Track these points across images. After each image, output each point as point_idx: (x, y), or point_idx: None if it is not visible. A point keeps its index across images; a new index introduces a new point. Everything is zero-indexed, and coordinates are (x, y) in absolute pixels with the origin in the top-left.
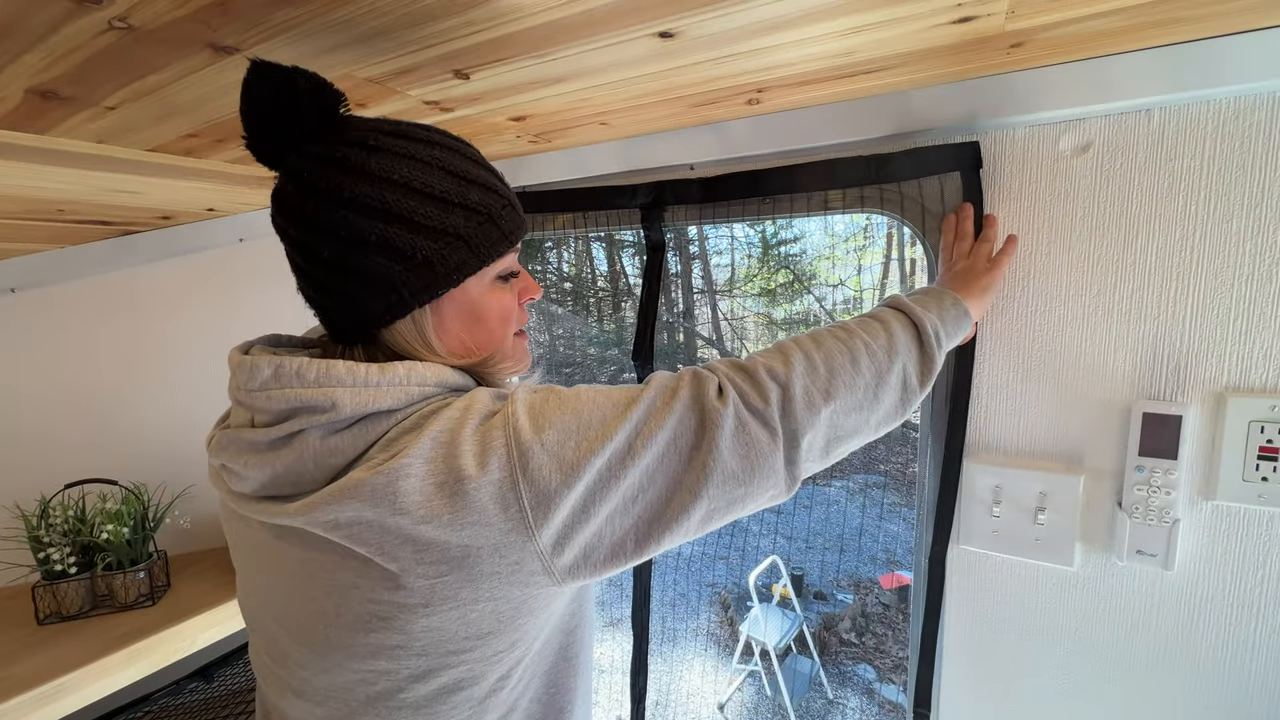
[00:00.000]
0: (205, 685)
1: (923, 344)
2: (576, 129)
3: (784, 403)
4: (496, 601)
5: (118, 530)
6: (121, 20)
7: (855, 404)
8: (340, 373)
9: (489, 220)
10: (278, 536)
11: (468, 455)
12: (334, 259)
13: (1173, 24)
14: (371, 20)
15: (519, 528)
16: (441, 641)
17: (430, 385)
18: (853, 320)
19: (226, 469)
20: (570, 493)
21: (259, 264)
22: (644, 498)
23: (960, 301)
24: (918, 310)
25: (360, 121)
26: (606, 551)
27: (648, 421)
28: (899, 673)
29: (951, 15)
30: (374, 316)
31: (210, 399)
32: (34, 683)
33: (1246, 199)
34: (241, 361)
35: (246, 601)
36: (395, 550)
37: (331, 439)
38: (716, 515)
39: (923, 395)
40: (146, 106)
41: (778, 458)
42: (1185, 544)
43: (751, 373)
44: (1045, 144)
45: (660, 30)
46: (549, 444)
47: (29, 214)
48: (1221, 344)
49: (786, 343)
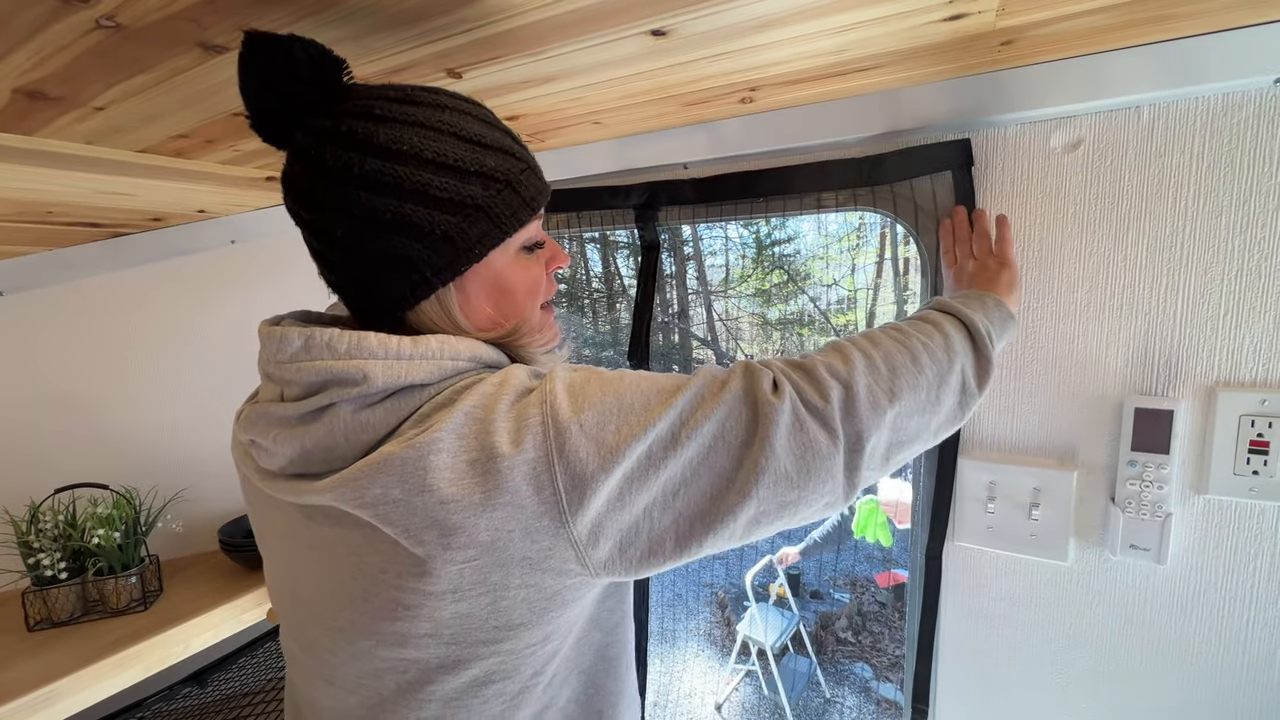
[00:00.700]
0: (199, 690)
1: (977, 345)
2: (569, 128)
3: (846, 402)
4: (528, 590)
5: (109, 535)
6: (109, 19)
7: (919, 405)
8: (372, 344)
9: (508, 187)
10: (308, 517)
11: (502, 432)
12: (349, 241)
13: (1161, 21)
14: (362, 18)
15: (552, 511)
16: (471, 630)
17: (464, 360)
18: (902, 322)
19: (255, 445)
20: (608, 478)
21: (251, 266)
22: (686, 493)
23: (1002, 303)
24: (968, 311)
25: (364, 90)
26: (644, 547)
27: (695, 410)
28: (896, 670)
29: (943, 13)
30: (397, 299)
31: (203, 402)
32: (25, 689)
33: (1235, 195)
34: (271, 333)
35: (275, 587)
36: (422, 533)
37: (363, 413)
38: (766, 520)
39: (981, 398)
40: (136, 107)
41: (837, 461)
42: (1178, 538)
43: (810, 370)
44: (1036, 141)
45: (652, 28)
46: (587, 425)
47: (17, 216)
48: (1212, 339)
49: (841, 342)
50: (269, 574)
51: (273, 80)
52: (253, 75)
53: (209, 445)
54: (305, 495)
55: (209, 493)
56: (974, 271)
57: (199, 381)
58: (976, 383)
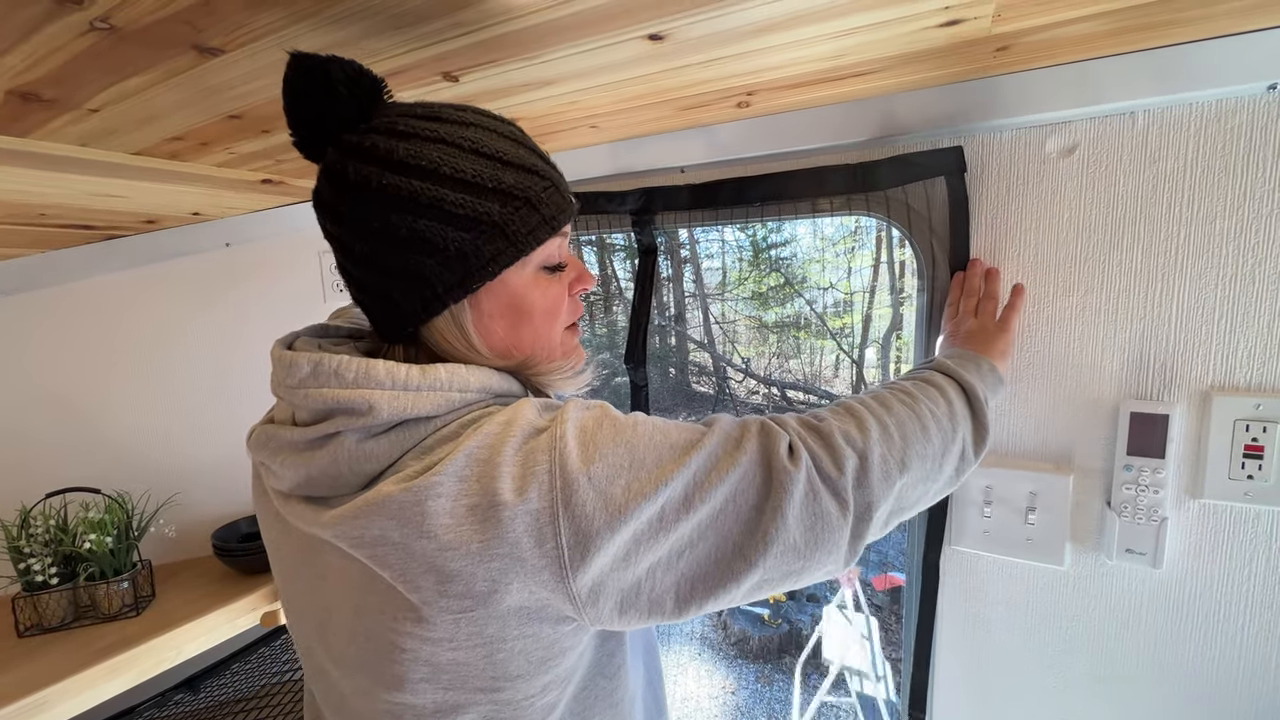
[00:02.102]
0: (191, 696)
1: (975, 412)
2: (566, 132)
3: (860, 474)
4: (526, 640)
5: (100, 540)
6: (103, 20)
7: (924, 474)
8: (379, 374)
9: (527, 205)
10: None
11: (506, 478)
12: (368, 255)
13: (1156, 28)
14: (359, 21)
15: (552, 566)
16: (469, 678)
17: (473, 391)
18: (907, 383)
19: (265, 466)
20: (613, 536)
21: (245, 269)
22: (692, 554)
23: (996, 369)
24: (966, 376)
25: (395, 107)
26: (644, 607)
27: (709, 473)
28: (893, 674)
29: (939, 19)
30: (409, 314)
31: (196, 406)
32: (14, 696)
33: (1229, 200)
34: (281, 357)
35: (288, 609)
36: (418, 579)
37: (367, 444)
38: (767, 586)
39: (975, 466)
40: (130, 109)
41: (844, 532)
42: (1173, 542)
43: (826, 436)
44: (1032, 146)
45: (650, 32)
46: (596, 478)
47: (10, 218)
48: (1206, 343)
49: (854, 405)
50: (282, 595)
51: (310, 98)
52: (293, 94)
53: (202, 449)
54: (312, 526)
55: (202, 497)
56: (972, 330)
57: (192, 385)
58: (974, 450)
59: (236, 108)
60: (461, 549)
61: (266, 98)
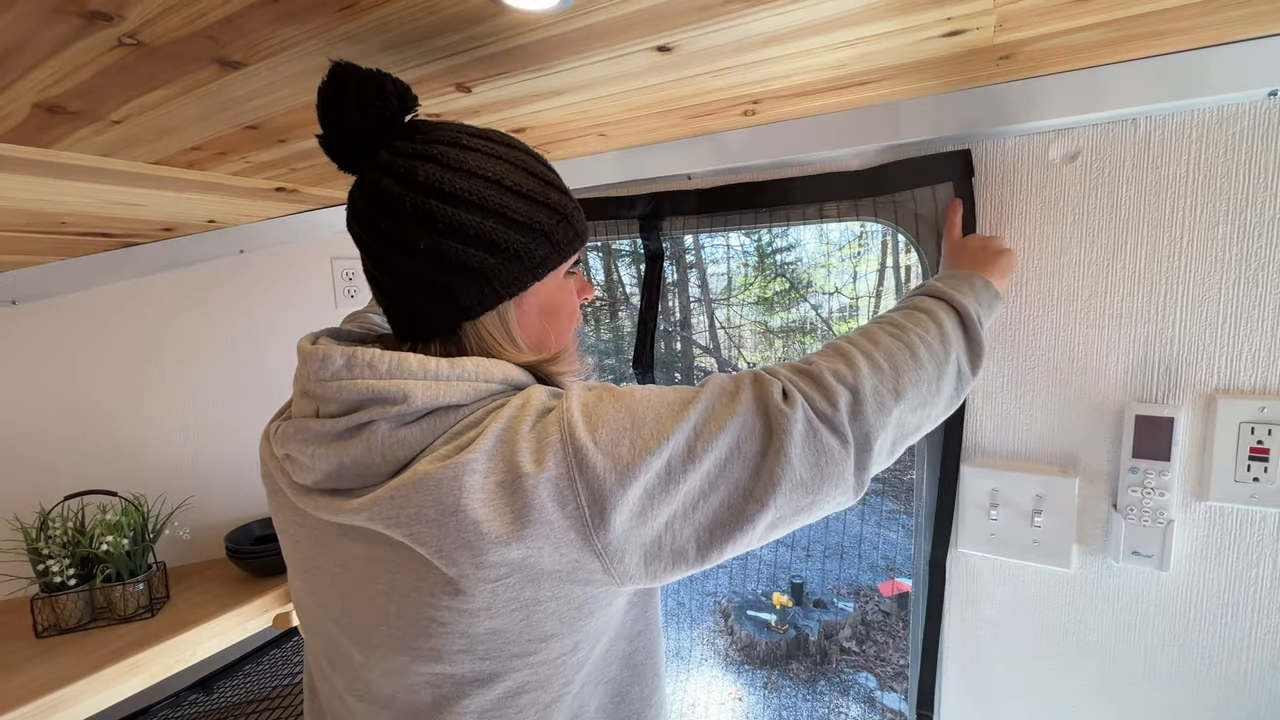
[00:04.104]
0: (205, 697)
1: (968, 330)
2: (575, 140)
3: (854, 406)
4: (559, 601)
5: (117, 542)
6: (131, 37)
7: (921, 399)
8: (412, 365)
9: (564, 219)
10: (340, 535)
11: (525, 452)
12: (431, 250)
13: (1157, 36)
14: (376, 36)
15: (577, 525)
16: (505, 644)
17: (496, 382)
18: (896, 314)
19: (291, 459)
20: (626, 493)
21: (258, 275)
22: (706, 504)
23: (990, 283)
24: (958, 296)
25: (441, 124)
26: (668, 558)
27: (707, 423)
28: (900, 680)
29: (942, 29)
30: (465, 308)
31: (210, 411)
32: (32, 696)
33: (1231, 205)
34: (313, 351)
35: (304, 602)
36: (454, 554)
37: (400, 431)
38: (782, 524)
39: (975, 382)
40: (151, 120)
41: (848, 465)
42: (1180, 545)
43: (816, 377)
44: (1035, 153)
45: (658, 44)
46: (602, 442)
47: (31, 226)
48: (1211, 347)
49: (841, 344)
50: (294, 589)
51: (364, 107)
52: (343, 101)
53: (216, 453)
54: (339, 514)
55: (216, 500)
56: (975, 247)
57: (206, 390)
58: (970, 367)
59: (254, 118)
60: (495, 520)
61: (284, 108)
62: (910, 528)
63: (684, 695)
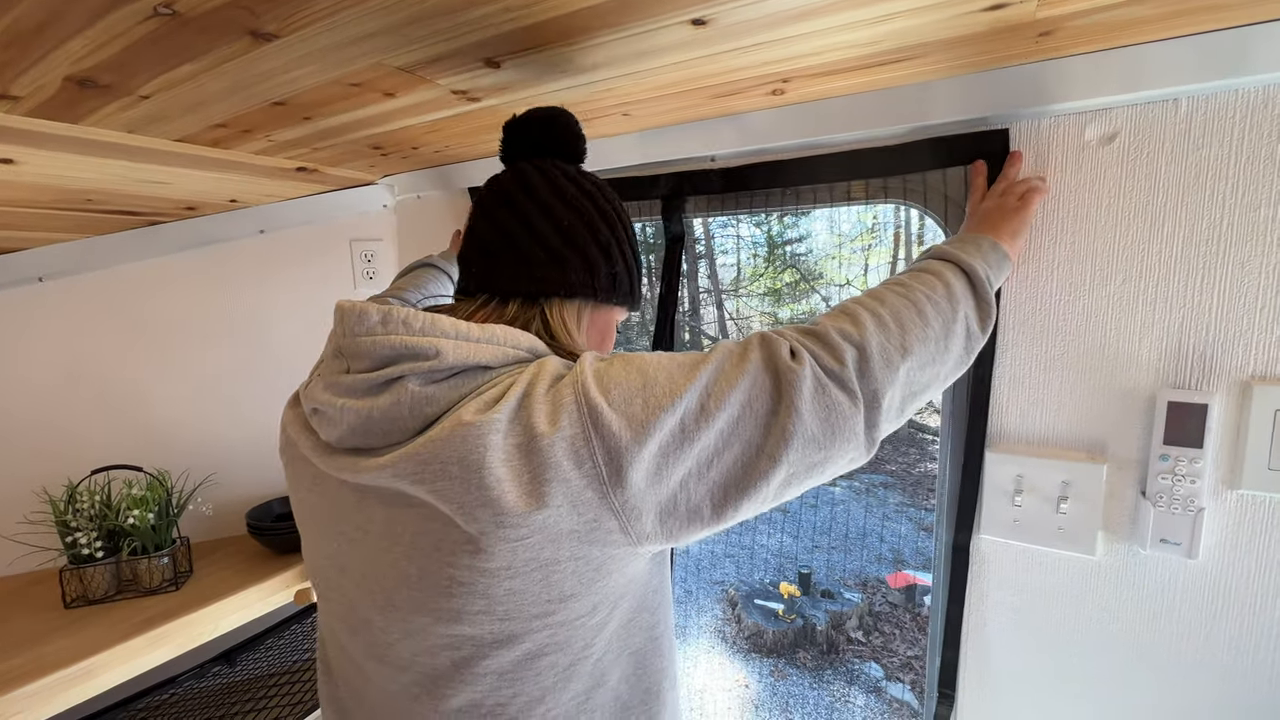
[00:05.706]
0: (228, 669)
1: (976, 289)
2: (598, 120)
3: (861, 363)
4: (577, 562)
5: (143, 516)
6: (167, 6)
7: (929, 357)
8: (444, 325)
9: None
10: (361, 497)
11: (540, 414)
12: (570, 229)
13: (1202, 13)
14: (409, 7)
15: (594, 484)
16: (523, 605)
17: (523, 349)
18: (904, 275)
19: (318, 413)
20: (641, 450)
21: (279, 255)
22: (720, 461)
23: (998, 245)
24: (965, 257)
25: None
26: (683, 517)
27: (718, 381)
28: (907, 671)
29: (984, 3)
30: (563, 283)
31: (231, 389)
32: (62, 664)
33: (1275, 188)
34: (351, 306)
35: (320, 570)
36: (476, 511)
37: (429, 388)
38: (795, 481)
39: (984, 341)
40: (179, 95)
41: (858, 420)
42: (1209, 533)
43: (822, 335)
44: (1070, 133)
45: (694, 17)
46: (615, 401)
47: (58, 203)
48: (1248, 333)
49: (848, 304)
50: (311, 558)
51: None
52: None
53: (237, 430)
54: (361, 474)
55: (237, 477)
56: (989, 209)
57: (228, 369)
58: (980, 326)
59: (282, 94)
60: (514, 481)
61: (312, 83)
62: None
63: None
